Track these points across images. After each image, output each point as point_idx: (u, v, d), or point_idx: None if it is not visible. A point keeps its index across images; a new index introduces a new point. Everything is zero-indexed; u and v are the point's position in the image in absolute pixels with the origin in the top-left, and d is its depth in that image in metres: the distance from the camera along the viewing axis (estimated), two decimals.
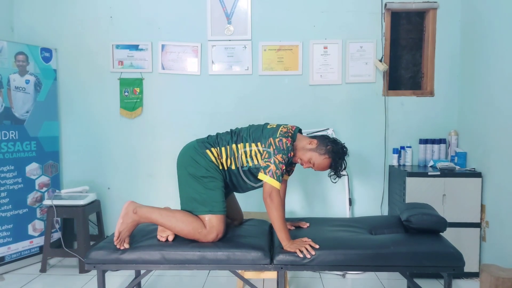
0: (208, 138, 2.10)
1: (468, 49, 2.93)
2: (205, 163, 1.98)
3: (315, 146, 1.99)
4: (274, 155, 1.91)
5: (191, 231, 1.91)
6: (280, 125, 2.04)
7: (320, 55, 3.09)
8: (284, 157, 1.91)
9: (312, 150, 2.00)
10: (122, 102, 3.18)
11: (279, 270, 1.87)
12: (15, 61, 2.84)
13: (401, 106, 3.09)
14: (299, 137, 2.06)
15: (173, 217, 1.92)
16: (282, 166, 1.91)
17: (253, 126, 2.10)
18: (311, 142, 2.01)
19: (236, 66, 3.14)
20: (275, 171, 1.89)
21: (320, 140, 2.01)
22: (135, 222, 1.94)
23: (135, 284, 2.06)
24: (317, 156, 1.99)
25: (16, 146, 2.83)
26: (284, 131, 1.97)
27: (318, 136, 2.07)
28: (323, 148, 1.98)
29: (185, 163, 2.03)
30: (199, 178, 1.96)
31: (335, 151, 1.98)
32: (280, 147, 1.92)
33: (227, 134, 2.09)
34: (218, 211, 1.93)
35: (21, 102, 2.87)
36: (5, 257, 2.76)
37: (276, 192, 1.89)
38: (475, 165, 2.75)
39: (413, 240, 1.96)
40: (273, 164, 1.89)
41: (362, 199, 3.13)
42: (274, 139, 1.94)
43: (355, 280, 2.65)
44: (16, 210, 2.83)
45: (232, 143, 2.03)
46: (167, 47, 3.15)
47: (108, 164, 3.23)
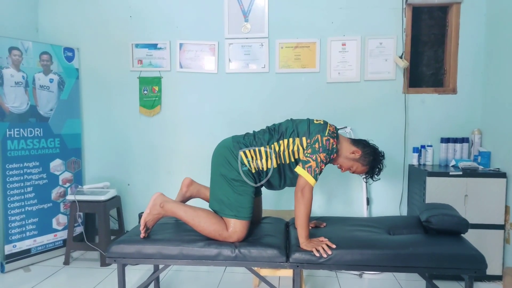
0: (245, 137, 2.05)
1: (493, 44, 2.83)
2: (237, 166, 1.97)
3: (358, 157, 2.00)
4: (318, 152, 1.89)
5: (212, 232, 1.93)
6: (327, 122, 2.01)
7: (338, 52, 3.05)
8: (327, 157, 1.90)
9: (355, 160, 2.00)
10: (141, 100, 3.24)
11: (295, 268, 1.87)
12: (40, 60, 2.93)
13: (422, 104, 3.02)
14: (341, 140, 2.03)
15: (196, 216, 1.95)
16: (322, 165, 1.90)
17: (296, 120, 2.05)
18: (354, 152, 2.00)
19: (253, 64, 3.14)
20: (314, 168, 1.87)
21: (363, 150, 2.01)
22: (160, 215, 2.00)
23: (153, 278, 2.10)
24: (359, 166, 2.02)
25: (41, 143, 2.93)
26: (332, 131, 1.96)
27: (359, 143, 2.04)
28: (366, 160, 2.00)
29: (218, 163, 2.01)
30: (230, 180, 1.96)
31: (376, 161, 2.01)
32: (327, 146, 1.90)
33: (264, 132, 2.04)
34: (243, 217, 1.93)
35: (45, 101, 2.96)
36: (31, 249, 2.87)
37: (309, 189, 1.88)
38: (500, 165, 2.67)
39: (433, 241, 1.92)
40: (314, 161, 1.88)
41: (380, 199, 3.09)
42: (322, 137, 1.91)
43: (372, 280, 2.62)
44: (41, 204, 2.93)
45: (274, 141, 1.98)
46: (185, 45, 3.18)
47: (128, 161, 3.29)
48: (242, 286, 2.53)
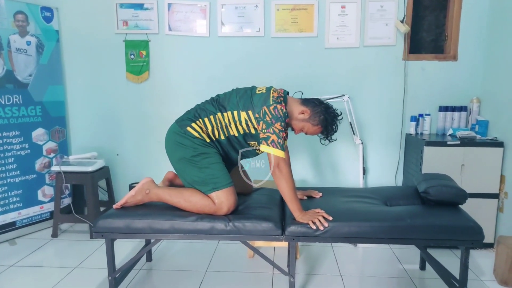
0: (187, 113, 2.00)
1: (497, 10, 2.70)
2: (190, 142, 1.90)
3: (307, 117, 1.93)
4: (272, 124, 1.82)
5: (200, 209, 1.89)
6: (270, 88, 1.93)
7: (337, 15, 2.89)
8: (282, 124, 1.84)
9: (305, 120, 1.94)
10: (128, 65, 3.06)
11: (291, 241, 1.84)
12: (14, 20, 2.70)
13: (421, 71, 2.93)
14: (290, 102, 1.96)
15: (182, 196, 1.91)
16: (283, 133, 1.84)
17: (239, 91, 1.97)
18: (303, 112, 1.93)
19: (247, 28, 2.96)
20: (278, 141, 1.81)
21: (312, 110, 1.93)
22: (144, 201, 1.97)
23: (145, 251, 2.05)
24: (310, 126, 1.95)
25: (21, 111, 2.76)
26: (276, 96, 1.87)
27: (309, 102, 1.97)
28: (316, 119, 1.93)
29: (171, 150, 1.96)
30: (189, 159, 1.89)
31: (328, 121, 1.93)
32: (277, 114, 1.83)
33: (207, 103, 1.99)
34: (222, 185, 1.87)
35: (23, 65, 2.76)
36: (16, 222, 2.78)
37: (284, 162, 1.83)
38: (497, 134, 2.63)
39: (431, 212, 1.90)
40: (273, 134, 1.81)
41: (376, 168, 3.05)
42: (268, 107, 1.83)
43: (367, 249, 2.63)
44: (25, 176, 2.81)
45: (217, 111, 1.93)
46: (173, 6, 2.97)
47: (116, 130, 3.16)
48: (236, 257, 2.51)
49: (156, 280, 2.22)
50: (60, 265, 2.38)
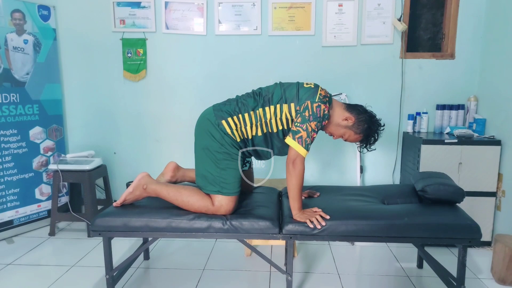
0: (227, 103, 1.90)
1: (495, 8, 2.70)
2: (220, 137, 1.84)
3: (351, 124, 1.87)
4: (308, 121, 1.76)
5: (198, 209, 1.88)
6: (318, 85, 1.85)
7: (334, 13, 2.89)
8: (318, 125, 1.79)
9: (347, 127, 1.88)
10: (125, 64, 3.05)
11: (288, 240, 1.83)
12: (12, 19, 2.69)
13: (419, 70, 2.93)
14: (334, 105, 1.89)
15: (180, 195, 1.90)
16: (314, 134, 1.79)
17: (284, 84, 1.89)
18: (347, 119, 1.86)
19: (244, 26, 2.95)
20: (305, 139, 1.76)
21: (357, 117, 1.87)
22: (142, 197, 1.97)
23: (142, 250, 2.04)
24: (352, 134, 1.89)
25: (18, 110, 2.76)
26: (323, 95, 1.82)
27: (354, 109, 1.89)
28: (360, 127, 1.87)
29: (200, 135, 1.90)
30: (212, 153, 1.85)
31: (372, 130, 1.88)
32: (317, 113, 1.77)
33: (249, 97, 1.89)
34: (228, 192, 1.85)
35: (20, 63, 2.75)
36: (13, 221, 2.77)
37: (301, 160, 1.79)
38: (495, 132, 2.63)
39: (428, 211, 1.89)
40: (304, 130, 1.76)
41: (373, 167, 3.05)
42: (312, 103, 1.77)
43: (364, 247, 2.63)
44: (22, 174, 2.80)
45: (259, 107, 1.84)
46: (170, 4, 2.96)
47: (113, 129, 3.16)
48: (234, 255, 2.51)
49: (154, 279, 2.22)
50: (58, 263, 2.37)
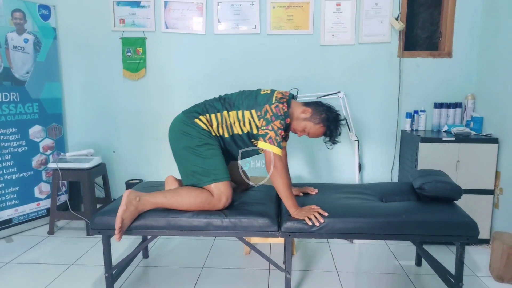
0: (195, 107, 2.01)
1: (491, 7, 2.72)
2: (197, 133, 1.90)
3: (309, 115, 1.95)
4: (272, 121, 1.84)
5: (200, 204, 1.86)
6: (275, 90, 1.97)
7: (332, 12, 2.90)
8: (282, 122, 1.86)
9: (306, 119, 1.95)
10: (124, 62, 3.06)
11: (287, 237, 1.84)
12: (12, 18, 2.70)
13: (416, 68, 2.94)
14: (293, 104, 1.99)
15: (178, 195, 1.87)
16: (281, 132, 1.86)
17: (245, 92, 2.01)
18: (305, 111, 1.95)
19: (243, 25, 2.97)
20: (275, 138, 1.83)
21: (314, 109, 1.96)
22: (137, 211, 1.85)
23: (141, 248, 2.05)
24: (311, 126, 1.95)
25: (18, 108, 2.76)
26: (280, 97, 1.91)
27: (311, 103, 2.00)
28: (318, 117, 1.94)
29: (177, 138, 1.95)
30: (194, 148, 1.89)
31: (330, 120, 1.94)
32: (278, 113, 1.85)
33: (215, 100, 2.00)
34: (222, 178, 1.88)
35: (20, 62, 2.76)
36: (12, 219, 2.78)
37: (279, 159, 1.84)
38: (492, 130, 2.64)
39: (426, 208, 1.91)
40: (271, 131, 1.83)
41: (372, 165, 3.07)
42: (270, 105, 1.87)
43: (363, 245, 2.64)
44: (21, 172, 2.81)
45: (224, 110, 1.95)
46: (170, 3, 2.97)
47: (113, 127, 3.16)
48: (233, 253, 2.52)
49: (153, 277, 2.23)
50: (57, 262, 2.38)
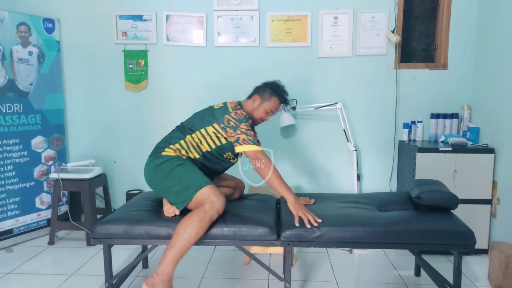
0: (157, 145, 2.09)
1: (485, 20, 2.79)
2: (167, 161, 1.96)
3: (259, 100, 2.12)
4: (238, 127, 1.96)
5: (201, 221, 1.77)
6: (226, 102, 2.11)
7: (330, 26, 2.97)
8: (247, 124, 1.98)
9: (260, 104, 2.12)
10: (126, 74, 3.11)
11: (286, 246, 1.86)
12: (17, 32, 2.77)
13: (413, 80, 2.99)
14: (244, 104, 2.15)
15: (183, 232, 1.75)
16: (250, 131, 1.96)
17: (199, 113, 2.11)
18: (254, 100, 2.13)
19: (242, 38, 3.03)
20: (248, 138, 1.93)
21: (258, 93, 2.14)
22: (166, 284, 1.72)
23: (142, 257, 2.06)
24: (268, 104, 2.12)
25: (21, 119, 2.80)
26: (234, 105, 2.06)
27: (253, 91, 2.19)
28: (266, 95, 2.12)
29: (152, 176, 1.99)
30: (169, 173, 1.92)
31: (274, 89, 2.13)
32: (239, 118, 1.98)
33: (174, 131, 2.10)
34: (203, 183, 1.87)
35: (24, 74, 2.81)
36: (13, 230, 2.79)
37: (261, 153, 1.92)
38: (488, 140, 2.68)
39: (423, 217, 1.93)
40: (241, 134, 1.94)
41: (370, 175, 3.09)
42: (229, 114, 1.99)
43: (362, 255, 2.65)
44: (23, 183, 2.83)
45: (186, 135, 2.04)
46: (171, 17, 3.04)
47: (114, 138, 3.20)
48: (232, 263, 2.53)
49: None
50: (57, 272, 2.39)
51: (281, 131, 3.10)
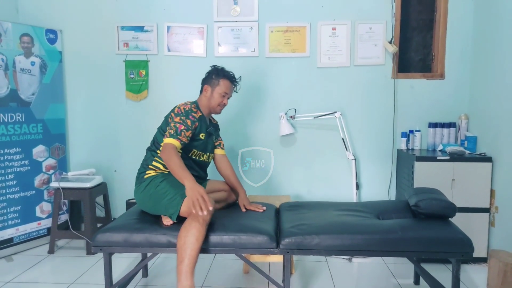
0: (138, 172, 2.16)
1: (481, 30, 2.84)
2: (151, 181, 2.03)
3: (210, 88, 2.21)
4: (172, 121, 2.03)
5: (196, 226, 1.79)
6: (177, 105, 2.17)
7: (328, 36, 3.02)
8: (183, 118, 2.03)
9: (212, 92, 2.20)
10: (127, 84, 3.15)
11: (285, 254, 1.87)
12: (20, 42, 2.81)
13: (410, 89, 3.03)
14: (199, 101, 2.24)
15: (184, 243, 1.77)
16: (180, 125, 2.01)
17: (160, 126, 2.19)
18: (205, 89, 2.22)
19: (242, 48, 3.08)
20: (169, 132, 1.99)
21: (206, 82, 2.23)
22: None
23: (141, 266, 2.07)
24: (218, 89, 2.20)
25: (23, 129, 2.83)
26: (183, 104, 2.13)
27: (201, 84, 2.27)
28: (214, 81, 2.21)
29: (142, 201, 2.07)
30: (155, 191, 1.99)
31: (220, 73, 2.22)
32: (178, 112, 2.06)
33: (147, 153, 2.18)
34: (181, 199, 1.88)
35: (27, 84, 2.85)
36: (13, 238, 2.80)
37: (172, 146, 1.95)
38: (486, 149, 2.70)
39: (421, 225, 1.94)
40: (171, 129, 2.00)
41: (369, 184, 3.11)
42: (173, 111, 2.09)
43: (361, 264, 2.65)
44: (24, 192, 2.85)
45: (155, 150, 2.10)
46: (172, 28, 3.09)
47: (114, 147, 3.22)
48: (232, 272, 2.53)
49: None
50: (56, 281, 2.39)
51: (281, 140, 3.13)
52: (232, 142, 3.13)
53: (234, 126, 3.12)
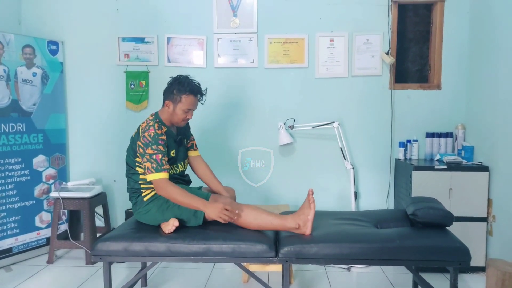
0: (130, 191, 2.13)
1: (476, 41, 2.89)
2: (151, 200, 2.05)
3: (171, 103, 2.06)
4: (145, 154, 1.95)
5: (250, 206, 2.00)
6: (140, 125, 2.08)
7: (326, 48, 3.07)
8: (154, 147, 1.94)
9: (175, 107, 2.06)
10: (128, 95, 3.18)
11: (284, 263, 1.88)
12: (22, 53, 2.85)
13: (407, 100, 3.07)
14: (160, 114, 2.12)
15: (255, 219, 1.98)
16: (157, 155, 1.93)
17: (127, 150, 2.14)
18: (167, 105, 2.07)
19: (241, 59, 3.12)
20: (151, 166, 1.92)
21: (167, 97, 2.08)
22: None
23: (141, 275, 2.07)
24: (181, 104, 2.06)
25: (23, 139, 2.85)
26: (144, 126, 2.02)
27: (163, 97, 2.12)
28: (176, 97, 2.05)
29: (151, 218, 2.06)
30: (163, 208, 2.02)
31: (179, 88, 2.04)
32: (146, 142, 1.95)
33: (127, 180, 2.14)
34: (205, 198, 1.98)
35: (28, 95, 2.88)
36: (12, 248, 2.79)
37: (164, 181, 1.92)
38: (482, 159, 2.73)
39: (419, 234, 1.95)
40: (147, 162, 1.94)
41: (367, 193, 3.12)
42: (140, 140, 1.98)
43: (360, 273, 2.65)
44: (24, 202, 2.86)
45: (132, 170, 2.07)
46: (173, 40, 3.14)
47: (114, 157, 3.23)
48: (231, 282, 2.52)
49: None
50: None
51: (280, 149, 3.15)
52: (233, 142, 3.16)
53: (232, 134, 3.14)
